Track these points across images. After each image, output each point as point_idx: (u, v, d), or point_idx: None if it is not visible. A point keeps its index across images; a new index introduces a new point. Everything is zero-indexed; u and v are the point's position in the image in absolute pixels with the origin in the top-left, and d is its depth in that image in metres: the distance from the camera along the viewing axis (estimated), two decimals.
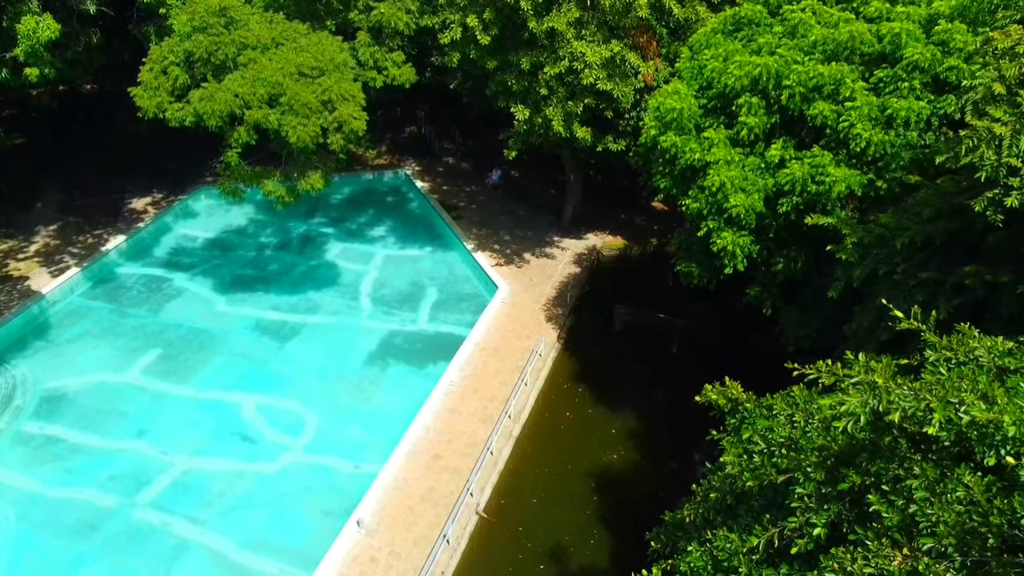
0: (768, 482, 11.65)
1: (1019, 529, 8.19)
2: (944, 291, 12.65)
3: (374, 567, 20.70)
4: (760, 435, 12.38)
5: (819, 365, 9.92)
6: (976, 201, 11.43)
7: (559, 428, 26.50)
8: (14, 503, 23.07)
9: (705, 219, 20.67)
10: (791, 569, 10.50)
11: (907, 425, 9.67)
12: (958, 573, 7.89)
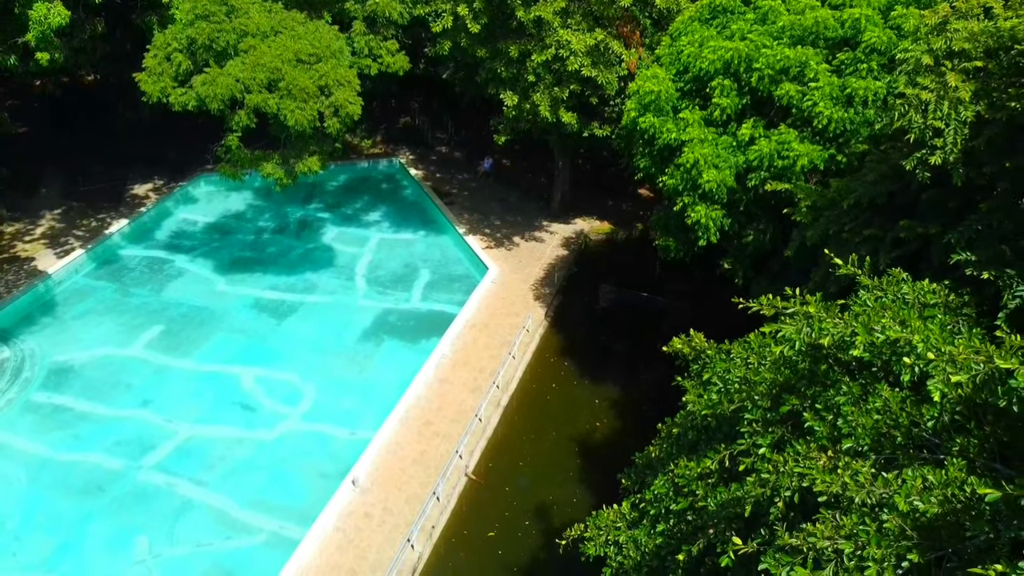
0: (723, 415, 12.91)
1: (923, 430, 9.47)
2: (884, 245, 13.93)
3: (368, 522, 21.94)
4: (719, 376, 13.68)
5: (762, 299, 11.18)
6: (907, 161, 12.71)
7: (545, 398, 27.77)
8: (25, 466, 24.24)
9: (680, 195, 21.95)
10: (739, 486, 11.69)
11: (836, 351, 10.97)
12: (872, 467, 9.13)
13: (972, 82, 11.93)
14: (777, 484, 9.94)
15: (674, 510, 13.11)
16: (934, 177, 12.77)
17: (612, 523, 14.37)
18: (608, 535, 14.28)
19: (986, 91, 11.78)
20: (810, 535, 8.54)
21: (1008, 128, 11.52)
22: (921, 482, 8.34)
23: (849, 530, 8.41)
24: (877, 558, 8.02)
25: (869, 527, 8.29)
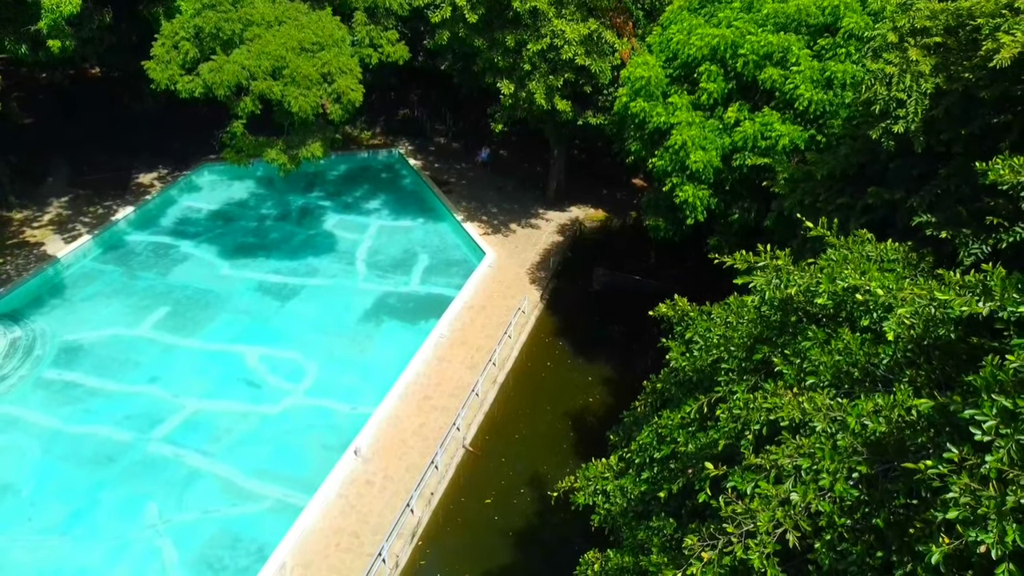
0: (703, 368, 13.86)
1: (878, 367, 10.41)
2: (855, 213, 14.86)
3: (370, 488, 22.87)
4: (700, 335, 14.63)
5: (736, 255, 12.13)
6: (873, 130, 13.66)
7: (540, 375, 28.72)
8: (38, 438, 25.13)
9: (669, 176, 22.89)
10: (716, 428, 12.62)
11: (804, 303, 11.92)
12: (832, 399, 10.07)
13: (932, 57, 12.88)
14: (747, 419, 10.86)
15: (657, 458, 14.01)
16: (899, 147, 13.72)
17: (600, 474, 15.29)
18: (596, 485, 15.19)
19: (945, 65, 12.74)
20: (773, 455, 9.49)
21: (963, 98, 12.47)
22: (872, 406, 9.28)
23: (807, 449, 9.36)
24: (831, 471, 8.96)
25: (825, 445, 9.24)
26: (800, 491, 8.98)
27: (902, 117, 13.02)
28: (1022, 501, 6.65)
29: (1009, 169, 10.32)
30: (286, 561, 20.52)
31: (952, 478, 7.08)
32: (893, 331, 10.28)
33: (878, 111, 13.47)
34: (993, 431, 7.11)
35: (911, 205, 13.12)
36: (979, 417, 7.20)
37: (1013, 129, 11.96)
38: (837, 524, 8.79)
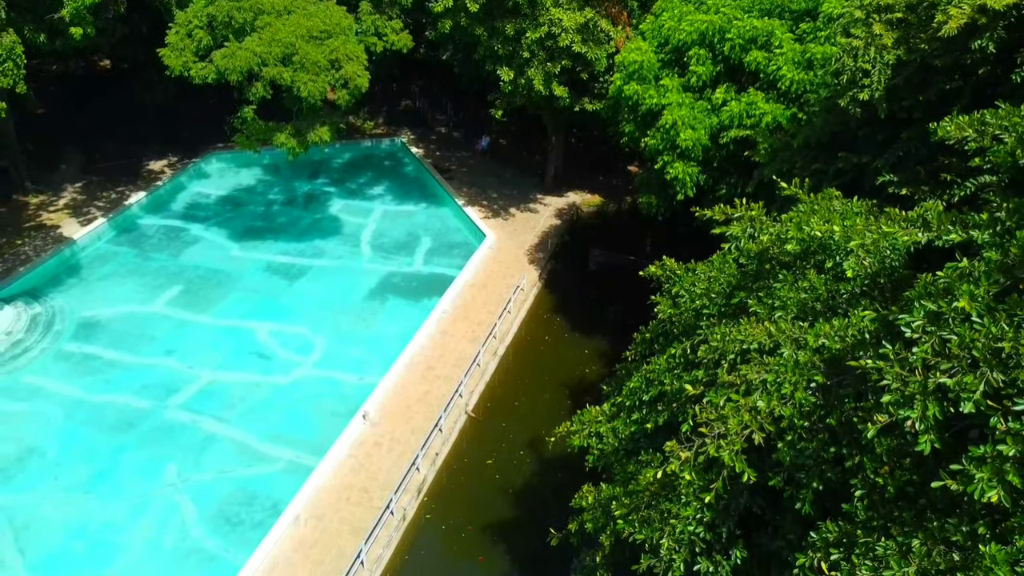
0: (687, 316, 15.19)
1: (838, 301, 11.74)
2: (827, 177, 16.15)
3: (378, 450, 24.18)
4: (685, 289, 15.96)
5: (715, 207, 13.46)
6: (842, 99, 14.98)
7: (539, 348, 30.06)
8: (60, 405, 26.39)
9: (661, 154, 24.21)
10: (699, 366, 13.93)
11: (776, 251, 13.25)
12: (794, 325, 11.39)
13: (895, 31, 14.17)
14: (724, 349, 12.19)
15: (645, 400, 15.31)
16: (866, 114, 15.03)
17: (594, 418, 16.60)
18: (591, 428, 16.50)
19: (905, 38, 14.03)
20: (743, 371, 10.82)
21: (921, 68, 13.77)
22: (829, 328, 10.60)
23: (773, 366, 10.69)
24: (792, 382, 10.30)
25: (787, 362, 10.57)
26: (765, 399, 10.32)
27: (867, 86, 14.33)
28: (941, 383, 7.96)
29: (955, 127, 11.63)
30: (300, 514, 21.82)
31: (886, 368, 8.39)
32: (852, 269, 11.65)
33: (846, 81, 14.79)
34: (920, 329, 8.43)
35: (876, 167, 14.44)
36: (909, 319, 8.52)
37: (964, 94, 13.28)
38: (796, 426, 10.12)
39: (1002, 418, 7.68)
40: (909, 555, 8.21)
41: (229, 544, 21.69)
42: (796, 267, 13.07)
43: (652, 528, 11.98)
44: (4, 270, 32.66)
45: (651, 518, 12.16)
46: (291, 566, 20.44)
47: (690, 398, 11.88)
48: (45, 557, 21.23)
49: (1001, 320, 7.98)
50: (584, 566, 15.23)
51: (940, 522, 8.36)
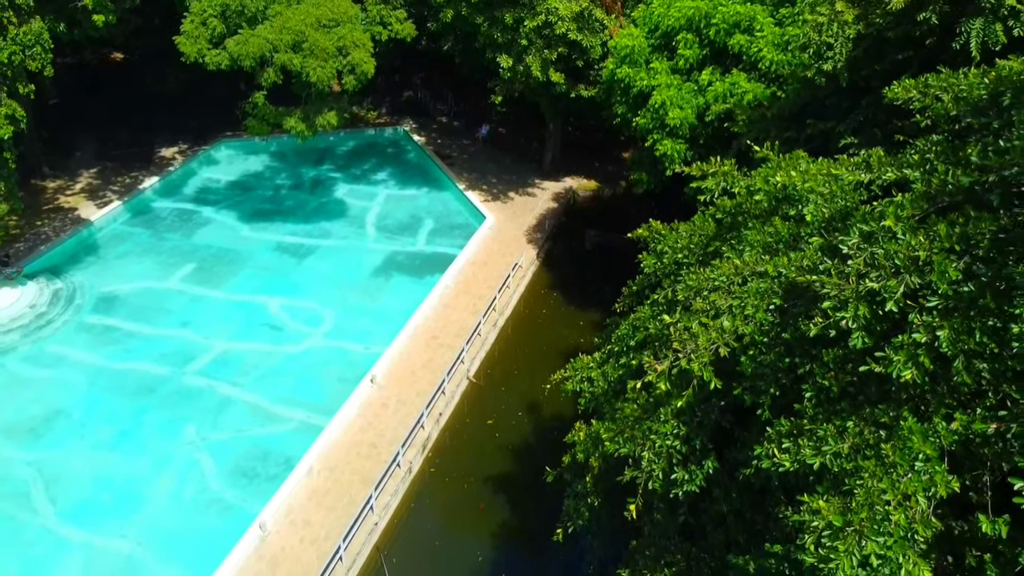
0: (670, 267, 16.77)
1: (799, 242, 13.28)
2: (799, 144, 17.66)
3: (385, 410, 25.73)
4: (668, 245, 17.54)
5: (693, 165, 15.01)
6: (809, 70, 16.51)
7: (536, 321, 31.63)
8: (84, 373, 27.92)
9: (651, 132, 25.78)
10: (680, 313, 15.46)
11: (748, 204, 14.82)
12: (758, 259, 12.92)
13: (855, 8, 15.71)
14: (699, 287, 13.74)
15: (632, 345, 16.87)
16: (831, 85, 16.58)
17: (586, 365, 18.14)
18: (583, 374, 18.04)
19: (864, 14, 15.56)
20: (712, 300, 12.38)
21: (877, 40, 15.30)
22: (786, 260, 12.14)
23: (738, 294, 12.25)
24: (754, 305, 11.86)
25: (750, 288, 12.13)
26: (730, 320, 11.88)
27: (831, 58, 15.87)
28: (870, 287, 9.51)
29: (903, 89, 13.21)
30: (313, 465, 23.37)
31: (826, 280, 9.94)
32: (811, 214, 13.19)
33: (812, 54, 16.34)
34: (855, 247, 10.00)
35: (839, 131, 15.99)
36: (846, 239, 10.08)
37: (913, 62, 14.82)
38: (757, 341, 11.67)
39: (918, 314, 9.23)
40: (844, 434, 9.76)
41: (246, 495, 23.21)
42: (765, 218, 14.64)
43: (635, 443, 13.54)
44: (26, 249, 34.18)
45: (634, 436, 13.72)
46: (305, 511, 21.99)
47: (667, 326, 13.42)
48: (74, 506, 22.75)
49: (920, 235, 9.54)
50: (575, 492, 16.79)
51: (871, 409, 9.92)
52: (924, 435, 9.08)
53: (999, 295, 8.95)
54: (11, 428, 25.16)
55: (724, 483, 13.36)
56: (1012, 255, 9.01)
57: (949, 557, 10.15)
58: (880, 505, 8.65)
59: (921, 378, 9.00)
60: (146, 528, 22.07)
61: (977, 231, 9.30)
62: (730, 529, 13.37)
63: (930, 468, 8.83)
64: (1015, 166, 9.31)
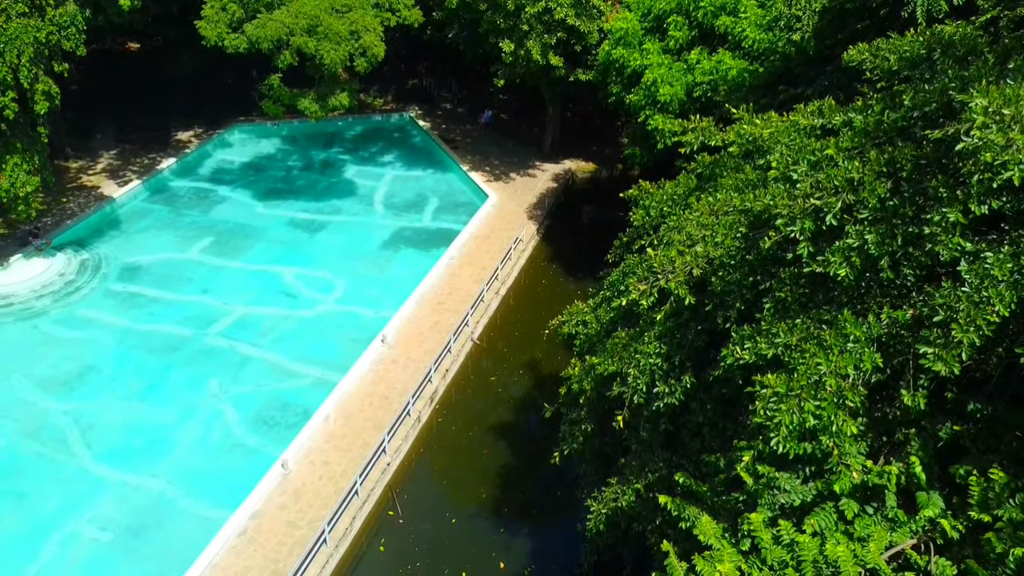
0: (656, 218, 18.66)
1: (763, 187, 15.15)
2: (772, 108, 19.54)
3: (395, 366, 27.63)
4: (655, 200, 19.41)
5: (675, 122, 16.90)
6: (779, 41, 18.35)
7: (537, 290, 33.54)
8: (112, 334, 29.81)
9: (643, 109, 27.67)
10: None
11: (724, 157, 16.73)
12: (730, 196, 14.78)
13: None
14: (680, 226, 15.64)
15: (622, 289, 18.70)
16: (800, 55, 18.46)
17: (581, 310, 20.06)
18: (578, 318, 19.95)
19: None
20: (687, 231, 14.29)
21: (839, 12, 17.18)
22: (752, 196, 14.01)
23: (710, 225, 14.15)
24: (723, 233, 13.76)
25: (720, 221, 14.03)
26: (703, 246, 13.79)
27: (799, 29, 17.76)
28: (814, 204, 11.39)
29: (857, 52, 15.08)
30: (329, 413, 25.27)
31: (779, 202, 11.83)
32: (777, 160, 15.06)
33: (783, 25, 18.22)
34: (803, 174, 11.90)
35: (807, 95, 17.87)
36: (796, 168, 11.98)
37: (870, 31, 16.69)
38: (725, 263, 13.56)
39: (852, 224, 11.12)
40: (793, 330, 11.64)
41: (267, 441, 25.10)
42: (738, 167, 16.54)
43: (622, 363, 15.45)
44: (53, 223, 36.09)
45: (622, 357, 15.63)
46: (323, 453, 23.89)
47: (650, 257, 15.30)
48: (109, 450, 24.63)
49: (856, 161, 11.43)
50: (570, 419, 18.70)
51: (817, 310, 11.81)
52: (857, 324, 10.97)
53: (918, 208, 10.83)
54: (47, 381, 27.04)
55: (700, 397, 15.23)
56: (929, 175, 10.89)
57: (883, 437, 12.05)
58: (817, 376, 10.55)
59: (853, 275, 10.88)
60: (175, 469, 23.94)
61: (902, 157, 11.18)
62: (705, 438, 15.24)
63: (859, 348, 10.71)
64: (934, 103, 11.20)
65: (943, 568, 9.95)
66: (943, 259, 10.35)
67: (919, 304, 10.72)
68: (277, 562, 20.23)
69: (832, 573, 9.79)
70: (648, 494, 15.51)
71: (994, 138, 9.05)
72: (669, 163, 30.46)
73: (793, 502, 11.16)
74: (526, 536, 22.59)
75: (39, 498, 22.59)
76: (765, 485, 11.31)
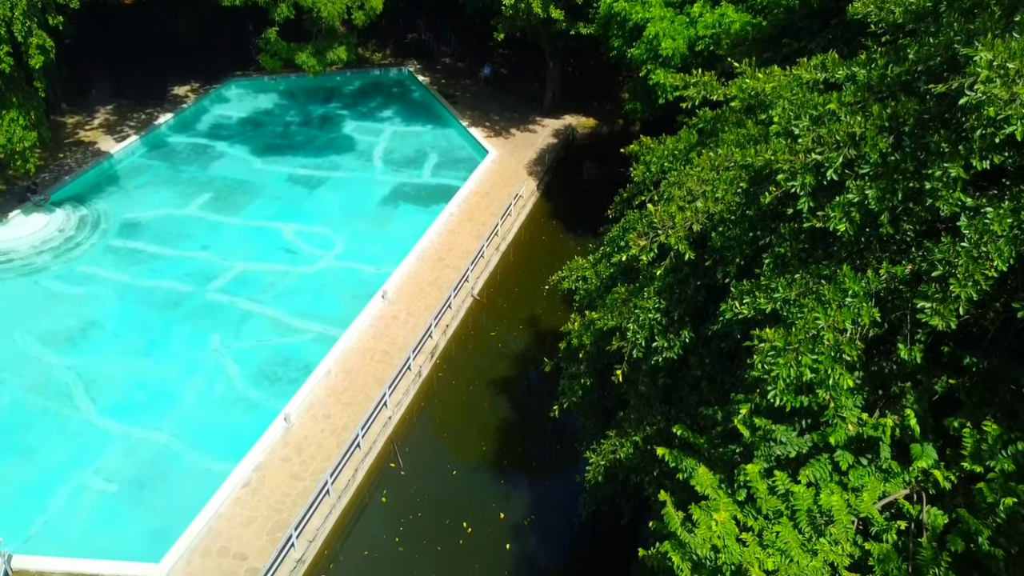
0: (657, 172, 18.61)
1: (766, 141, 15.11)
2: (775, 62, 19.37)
3: (395, 322, 27.78)
4: (655, 156, 19.34)
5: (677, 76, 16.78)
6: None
7: (536, 246, 33.58)
8: (113, 289, 29.88)
9: (645, 63, 27.39)
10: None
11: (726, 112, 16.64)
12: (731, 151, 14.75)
13: None
14: (680, 181, 15.62)
15: (622, 245, 18.75)
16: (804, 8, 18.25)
17: (581, 266, 20.11)
18: (578, 273, 20.00)
19: None
20: (688, 186, 14.28)
21: None
22: (753, 151, 13.98)
23: (711, 180, 14.14)
24: (724, 188, 13.75)
25: (721, 176, 14.02)
26: (703, 202, 13.80)
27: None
28: (815, 160, 11.38)
29: (862, 4, 14.92)
30: (331, 368, 25.49)
31: (780, 157, 11.81)
32: (779, 115, 14.99)
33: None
34: (805, 129, 11.86)
35: (811, 49, 17.70)
36: (798, 123, 11.93)
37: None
38: (725, 219, 13.59)
39: (853, 179, 11.13)
40: (792, 285, 11.72)
41: (269, 395, 25.33)
42: (739, 122, 16.47)
43: (622, 318, 15.57)
44: (51, 179, 35.91)
45: (622, 312, 15.74)
46: (325, 407, 24.15)
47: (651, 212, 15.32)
48: (113, 404, 24.86)
49: (858, 116, 11.39)
50: (570, 373, 18.89)
51: (816, 265, 11.88)
52: (856, 280, 11.04)
53: (919, 163, 10.82)
54: (50, 337, 27.19)
55: (699, 351, 15.38)
56: (931, 130, 10.86)
57: (879, 390, 12.21)
58: (815, 331, 10.65)
59: (853, 230, 10.93)
60: (179, 422, 24.20)
61: (905, 111, 11.14)
62: (703, 392, 15.43)
63: (858, 303, 10.79)
64: (938, 56, 11.13)
65: (934, 517, 10.18)
66: (943, 214, 10.38)
67: (918, 259, 10.78)
68: (281, 512, 20.60)
69: (826, 522, 10.02)
70: (646, 446, 15.75)
71: (998, 92, 9.02)
72: (670, 118, 30.29)
73: (789, 454, 11.36)
74: (525, 488, 22.96)
75: (46, 451, 22.89)
76: (761, 437, 11.49)
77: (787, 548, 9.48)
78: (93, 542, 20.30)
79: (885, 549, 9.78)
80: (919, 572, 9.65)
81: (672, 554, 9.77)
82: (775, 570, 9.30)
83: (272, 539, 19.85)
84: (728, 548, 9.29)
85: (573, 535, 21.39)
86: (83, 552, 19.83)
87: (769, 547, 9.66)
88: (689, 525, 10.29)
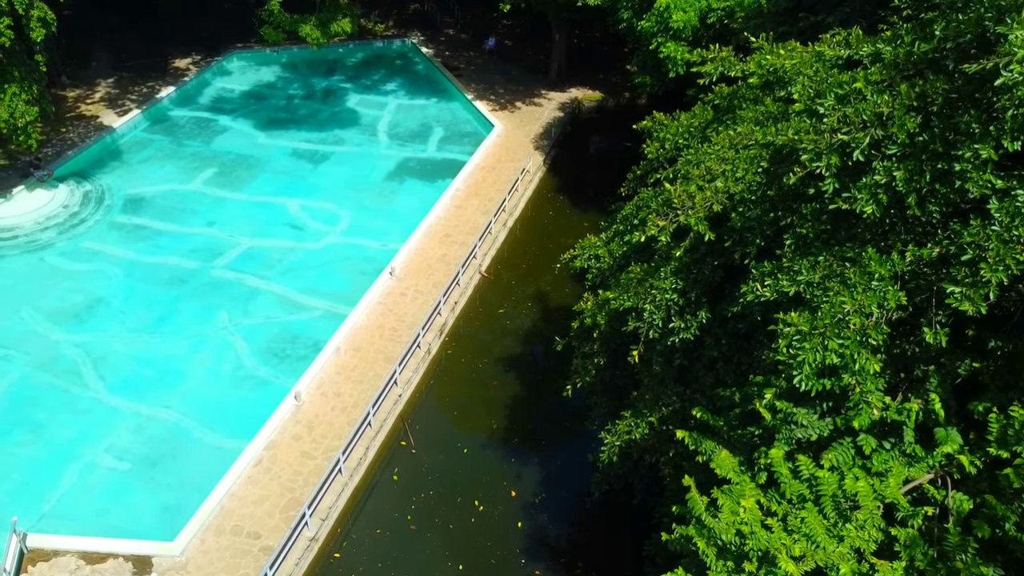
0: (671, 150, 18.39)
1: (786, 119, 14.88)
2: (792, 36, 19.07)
3: (403, 299, 27.67)
4: (669, 132, 19.09)
5: (694, 51, 16.49)
6: None
7: (543, 222, 33.36)
8: (119, 266, 29.71)
9: (655, 36, 27.00)
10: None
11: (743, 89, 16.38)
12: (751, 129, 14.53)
13: None
14: (698, 160, 15.41)
15: (636, 223, 18.58)
16: None
17: (593, 244, 19.91)
18: (590, 251, 19.82)
19: None
20: (707, 165, 14.08)
21: None
22: (774, 129, 13.76)
23: (731, 159, 13.94)
24: (744, 168, 13.56)
25: (741, 155, 13.81)
26: (723, 181, 13.61)
27: None
28: (841, 140, 11.17)
29: None
30: (340, 345, 25.42)
31: (804, 136, 11.61)
32: (799, 92, 14.74)
33: None
34: (830, 108, 11.64)
35: (829, 23, 17.41)
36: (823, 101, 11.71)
37: None
38: (746, 199, 13.41)
39: (880, 160, 10.94)
40: (816, 267, 11.57)
41: (279, 372, 25.29)
42: (758, 99, 16.22)
43: (638, 298, 15.44)
44: (54, 154, 35.58)
45: (638, 292, 15.60)
46: (335, 384, 24.12)
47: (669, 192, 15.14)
48: (121, 381, 24.82)
49: (885, 95, 11.17)
50: (583, 352, 18.80)
51: (840, 247, 11.72)
52: (881, 262, 10.90)
53: (948, 144, 10.62)
54: (57, 314, 27.10)
55: (716, 331, 15.28)
56: (961, 110, 10.65)
57: (902, 373, 12.12)
58: (841, 315, 10.53)
59: (880, 212, 10.76)
60: (188, 399, 24.18)
61: (933, 90, 10.92)
62: (719, 372, 15.35)
63: (884, 287, 10.66)
64: (968, 34, 10.87)
65: (960, 502, 10.13)
66: (972, 196, 10.22)
67: (944, 241, 10.63)
68: (293, 491, 20.64)
69: (851, 507, 9.97)
70: (662, 427, 15.71)
71: None
72: (678, 92, 29.96)
73: (810, 437, 11.30)
74: (536, 465, 22.99)
75: (56, 428, 22.90)
76: (783, 420, 11.41)
77: (813, 533, 9.43)
78: (106, 520, 20.37)
79: (911, 534, 9.74)
80: (945, 557, 9.61)
81: (697, 539, 9.73)
82: (802, 556, 9.26)
83: (285, 518, 19.91)
84: (756, 534, 9.23)
85: (585, 513, 21.43)
86: (97, 530, 19.92)
87: (794, 532, 9.62)
88: (713, 510, 10.25)
